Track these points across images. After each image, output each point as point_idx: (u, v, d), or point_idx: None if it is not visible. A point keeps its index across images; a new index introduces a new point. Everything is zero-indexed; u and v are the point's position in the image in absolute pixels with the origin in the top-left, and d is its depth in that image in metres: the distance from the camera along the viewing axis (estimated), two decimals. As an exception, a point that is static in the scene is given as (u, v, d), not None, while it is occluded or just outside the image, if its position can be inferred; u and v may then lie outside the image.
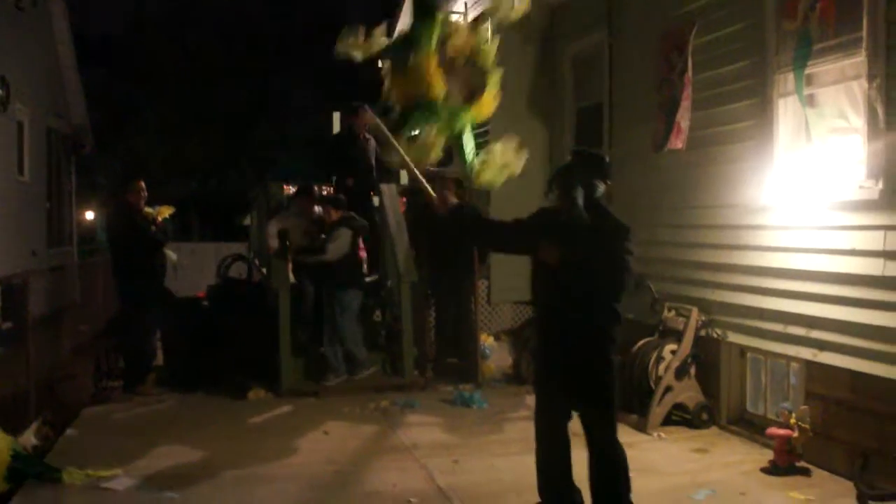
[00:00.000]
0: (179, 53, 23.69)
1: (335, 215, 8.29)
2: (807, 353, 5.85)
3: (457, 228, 5.47)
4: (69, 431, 6.76)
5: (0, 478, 5.34)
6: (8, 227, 11.38)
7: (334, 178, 9.78)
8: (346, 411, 7.40)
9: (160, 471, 5.69)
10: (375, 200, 9.60)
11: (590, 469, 4.55)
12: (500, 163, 5.45)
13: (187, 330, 8.56)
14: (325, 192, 9.59)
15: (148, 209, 8.27)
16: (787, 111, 6.08)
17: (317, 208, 8.94)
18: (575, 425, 4.60)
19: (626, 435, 6.55)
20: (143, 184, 8.31)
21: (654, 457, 6.08)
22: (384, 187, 9.16)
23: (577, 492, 4.66)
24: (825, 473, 5.61)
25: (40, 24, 13.80)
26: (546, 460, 4.67)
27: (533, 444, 4.68)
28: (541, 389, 4.75)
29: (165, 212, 8.38)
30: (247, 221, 13.00)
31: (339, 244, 8.11)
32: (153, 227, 8.20)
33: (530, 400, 5.09)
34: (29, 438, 6.56)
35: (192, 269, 13.66)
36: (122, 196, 8.33)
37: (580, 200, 4.49)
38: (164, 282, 8.56)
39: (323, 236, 8.33)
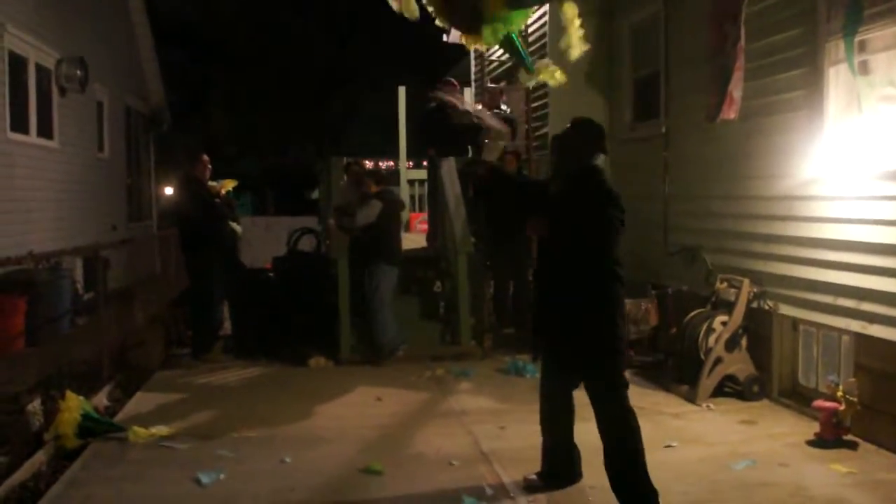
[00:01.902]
0: (252, 29, 24.12)
1: (373, 188, 8.48)
2: (856, 326, 5.79)
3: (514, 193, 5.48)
4: (138, 394, 7.14)
5: (71, 434, 5.71)
6: (89, 202, 11.88)
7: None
8: (401, 379, 7.62)
9: (218, 432, 6.00)
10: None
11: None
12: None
13: (253, 300, 8.89)
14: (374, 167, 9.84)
15: (212, 182, 8.57)
16: (837, 80, 5.99)
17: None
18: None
19: (675, 405, 6.69)
20: (206, 157, 8.60)
21: (700, 427, 6.13)
22: (443, 161, 9.29)
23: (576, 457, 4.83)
24: (871, 447, 5.57)
25: (118, 6, 14.28)
26: (546, 427, 4.85)
27: (578, 411, 4.83)
28: (543, 357, 4.89)
29: (229, 185, 8.67)
30: (316, 195, 13.31)
31: (366, 213, 8.30)
32: (217, 200, 8.49)
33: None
34: (102, 399, 6.98)
35: (267, 242, 14.07)
36: (188, 170, 8.65)
37: (568, 169, 4.63)
38: (233, 254, 8.86)
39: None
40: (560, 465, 4.88)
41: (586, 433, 4.76)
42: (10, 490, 5.07)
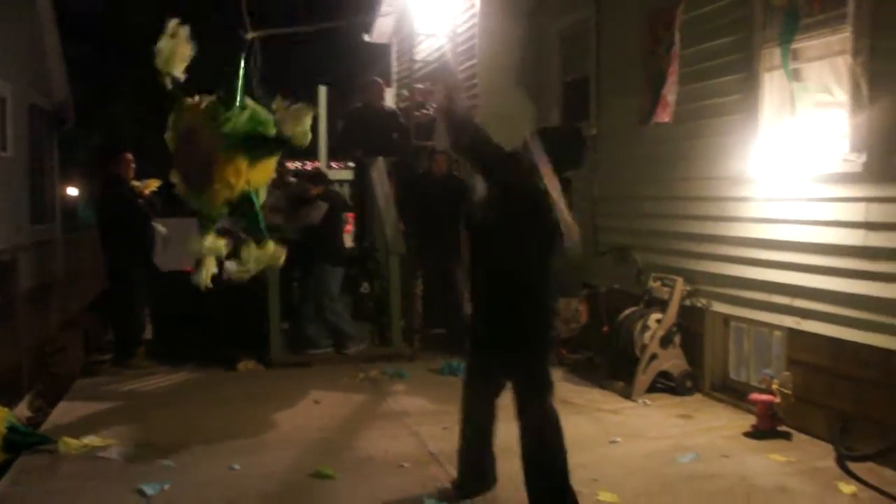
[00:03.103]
0: (159, 24, 23.43)
1: (315, 191, 8.36)
2: (790, 322, 5.98)
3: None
4: (62, 403, 6.81)
5: (-3, 448, 5.41)
6: (-8, 202, 11.32)
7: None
8: (334, 381, 7.50)
9: (154, 440, 5.76)
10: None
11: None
12: None
13: (176, 304, 8.60)
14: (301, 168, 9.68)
15: (135, 182, 8.29)
16: (772, 85, 6.17)
17: (292, 179, 9.05)
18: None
19: (611, 402, 6.79)
20: (130, 156, 8.31)
21: (640, 422, 6.23)
22: (373, 160, 9.21)
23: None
24: (805, 437, 5.77)
25: (22, 1, 13.67)
26: (464, 430, 4.71)
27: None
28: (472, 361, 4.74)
29: (153, 185, 8.35)
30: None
31: (311, 215, 8.20)
32: (140, 201, 8.21)
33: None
34: (23, 410, 6.66)
35: (178, 243, 13.64)
36: (110, 169, 8.33)
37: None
38: (151, 256, 8.58)
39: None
40: (475, 470, 4.73)
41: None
42: (-65, 510, 4.78)
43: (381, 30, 13.15)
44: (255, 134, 5.30)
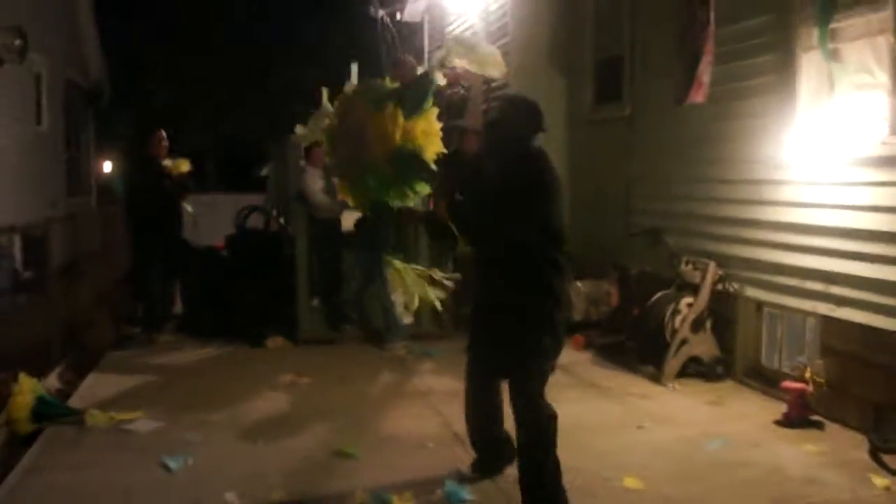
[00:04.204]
0: (195, 1, 23.54)
1: None
2: (824, 308, 5.86)
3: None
4: (91, 376, 6.87)
5: (25, 420, 5.45)
6: (27, 176, 11.42)
7: None
8: (361, 359, 7.50)
9: (180, 414, 5.79)
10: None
11: None
12: None
13: (206, 280, 8.65)
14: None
15: (166, 162, 8.26)
16: (810, 66, 6.01)
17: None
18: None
19: (641, 386, 6.70)
20: (163, 133, 8.31)
21: (669, 408, 6.14)
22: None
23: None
24: (838, 427, 5.64)
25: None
26: (469, 416, 4.65)
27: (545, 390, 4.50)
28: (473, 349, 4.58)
29: (183, 166, 8.34)
30: (265, 172, 13.00)
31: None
32: (169, 181, 8.18)
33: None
34: (52, 382, 6.70)
35: (209, 220, 13.72)
36: (143, 147, 8.34)
37: (507, 153, 4.28)
38: (181, 234, 8.58)
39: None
40: (491, 450, 4.66)
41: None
42: (-36, 478, 4.83)
43: (414, 7, 13.05)
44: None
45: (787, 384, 5.85)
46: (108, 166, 19.54)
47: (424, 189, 5.14)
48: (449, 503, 4.35)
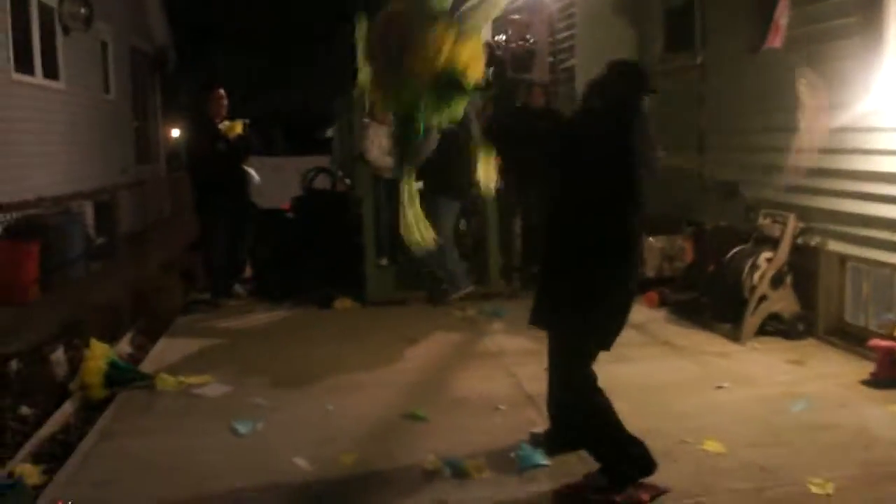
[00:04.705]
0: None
1: None
2: (915, 261, 5.55)
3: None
4: (162, 340, 6.92)
5: (98, 385, 5.50)
6: (97, 144, 11.58)
7: None
8: (431, 320, 7.39)
9: (249, 378, 5.78)
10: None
11: None
12: None
13: (273, 242, 8.62)
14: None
15: (223, 124, 8.03)
16: (899, 2, 5.65)
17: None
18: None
19: (718, 345, 6.48)
20: (222, 91, 8.12)
21: (748, 367, 5.91)
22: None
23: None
24: (930, 387, 5.37)
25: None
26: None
27: (618, 350, 4.25)
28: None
29: (237, 127, 8.04)
30: (329, 134, 12.93)
31: (425, 148, 7.95)
32: (224, 143, 7.96)
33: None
34: (124, 347, 6.77)
35: (277, 183, 13.75)
36: (201, 107, 8.23)
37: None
38: (246, 197, 8.45)
39: None
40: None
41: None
42: (41, 443, 4.88)
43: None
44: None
45: (875, 342, 5.58)
46: (175, 133, 19.74)
47: (459, 108, 4.92)
48: (522, 467, 4.23)
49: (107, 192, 10.44)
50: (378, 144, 8.24)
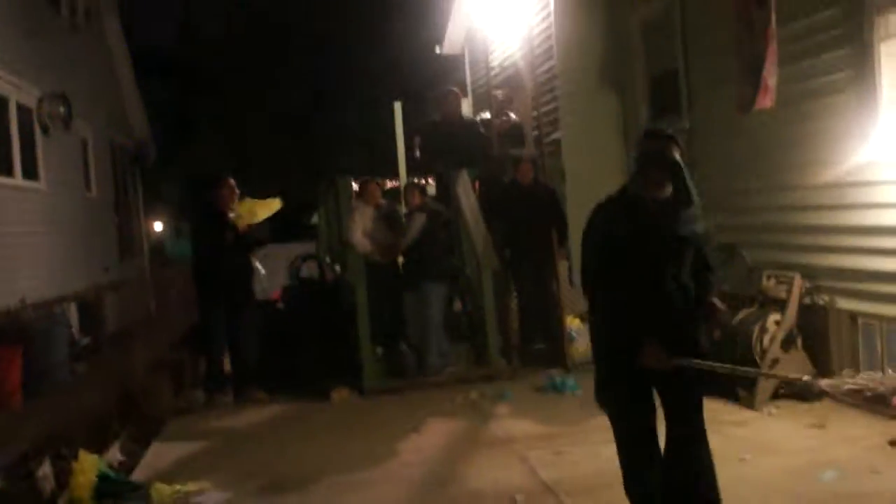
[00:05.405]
0: (232, 54, 23.79)
1: (418, 199, 7.99)
2: (929, 315, 5.39)
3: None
4: (154, 445, 6.61)
5: (87, 499, 5.19)
6: (79, 243, 11.39)
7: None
8: (433, 407, 7.12)
9: (249, 481, 5.47)
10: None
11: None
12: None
13: (265, 333, 8.36)
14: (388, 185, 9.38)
15: (232, 214, 7.87)
16: (890, 56, 5.61)
17: (383, 200, 8.71)
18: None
19: (734, 413, 6.24)
20: (233, 182, 7.92)
21: (769, 435, 5.68)
22: (456, 173, 8.84)
23: None
24: (960, 444, 5.15)
25: (96, 41, 13.84)
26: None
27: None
28: None
29: (248, 218, 7.82)
30: (315, 220, 12.80)
31: (413, 230, 7.83)
32: (234, 235, 7.76)
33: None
34: (114, 454, 6.45)
35: (266, 271, 13.56)
36: (210, 196, 8.00)
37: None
38: (252, 291, 8.21)
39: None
40: None
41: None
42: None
43: (453, 39, 12.83)
44: None
45: (899, 401, 5.38)
46: (158, 226, 19.62)
47: None
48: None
49: (91, 292, 10.21)
50: (362, 227, 8.11)
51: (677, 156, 3.92)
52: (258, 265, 8.18)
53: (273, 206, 8.00)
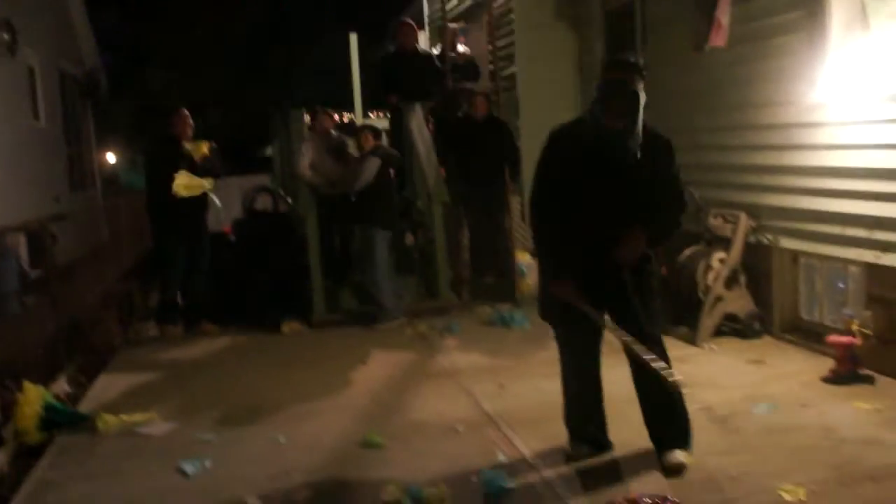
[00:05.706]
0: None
1: (368, 144, 7.81)
2: (869, 256, 5.50)
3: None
4: (102, 377, 6.61)
5: (33, 429, 5.19)
6: (27, 173, 11.14)
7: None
8: (382, 339, 7.20)
9: (196, 412, 5.51)
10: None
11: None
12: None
13: (215, 267, 8.32)
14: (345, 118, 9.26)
15: (187, 144, 7.70)
16: (841, -2, 5.60)
17: (334, 132, 8.61)
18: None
19: (676, 348, 6.25)
20: (187, 112, 7.75)
21: (709, 370, 5.83)
22: (410, 106, 8.76)
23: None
24: (890, 380, 5.31)
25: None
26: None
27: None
28: None
29: (203, 147, 7.69)
30: (269, 152, 12.67)
31: (366, 175, 7.68)
32: (189, 165, 7.60)
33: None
34: (61, 385, 6.44)
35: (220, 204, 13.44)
36: (163, 128, 7.85)
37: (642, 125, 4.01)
38: (206, 223, 8.09)
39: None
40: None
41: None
42: (-28, 497, 4.57)
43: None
44: None
45: (833, 338, 5.52)
46: (111, 157, 19.28)
47: None
48: (487, 492, 4.04)
49: (40, 223, 10.03)
50: (309, 158, 8.04)
51: (640, 87, 3.96)
52: (213, 197, 8.02)
53: (202, 148, 7.79)
